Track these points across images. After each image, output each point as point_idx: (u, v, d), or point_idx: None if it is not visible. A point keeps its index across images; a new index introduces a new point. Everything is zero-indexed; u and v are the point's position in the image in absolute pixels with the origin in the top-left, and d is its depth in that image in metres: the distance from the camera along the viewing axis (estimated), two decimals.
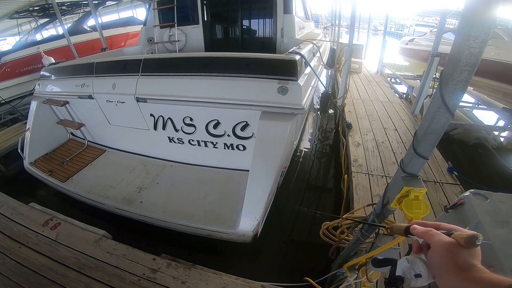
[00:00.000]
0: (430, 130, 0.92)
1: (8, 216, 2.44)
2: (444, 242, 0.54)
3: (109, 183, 2.86)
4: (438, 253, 0.54)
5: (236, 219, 2.23)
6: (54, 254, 2.05)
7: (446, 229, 0.58)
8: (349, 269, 1.44)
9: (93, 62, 2.95)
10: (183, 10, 4.56)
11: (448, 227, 0.58)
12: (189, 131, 2.76)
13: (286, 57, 2.33)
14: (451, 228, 0.58)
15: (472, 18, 0.75)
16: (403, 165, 1.04)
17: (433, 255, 0.56)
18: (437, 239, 0.55)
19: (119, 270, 1.90)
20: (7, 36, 9.33)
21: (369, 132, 3.97)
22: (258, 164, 2.23)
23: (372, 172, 3.02)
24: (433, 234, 0.57)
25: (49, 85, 3.42)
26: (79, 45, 6.49)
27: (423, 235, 0.59)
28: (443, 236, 0.55)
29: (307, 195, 3.57)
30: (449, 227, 0.58)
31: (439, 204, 2.44)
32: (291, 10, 4.17)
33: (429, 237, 0.57)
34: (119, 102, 2.81)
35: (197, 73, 2.44)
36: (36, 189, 3.71)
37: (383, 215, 1.21)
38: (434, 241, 0.56)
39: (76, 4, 7.66)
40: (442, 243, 0.54)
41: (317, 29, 7.48)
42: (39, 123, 3.50)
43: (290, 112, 2.24)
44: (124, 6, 10.72)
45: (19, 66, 6.23)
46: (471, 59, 0.78)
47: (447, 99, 0.84)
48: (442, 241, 0.54)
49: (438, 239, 0.55)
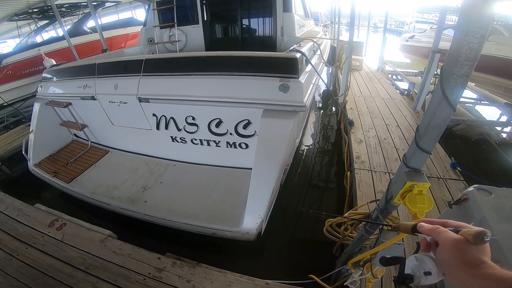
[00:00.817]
0: (432, 124, 0.92)
1: (14, 217, 2.47)
2: (453, 239, 0.54)
3: (113, 183, 2.88)
4: (447, 250, 0.54)
5: (240, 217, 2.24)
6: (61, 255, 2.07)
7: (454, 226, 0.58)
8: (354, 266, 1.45)
9: (95, 63, 2.96)
10: (182, 10, 4.57)
11: (455, 224, 0.58)
12: (191, 130, 2.77)
13: (287, 55, 2.34)
14: (458, 225, 0.58)
15: (471, 14, 0.76)
16: (406, 160, 1.05)
17: (442, 252, 0.56)
18: (445, 236, 0.55)
19: (125, 270, 1.92)
20: (7, 39, 9.35)
21: (371, 128, 3.97)
22: (261, 162, 2.24)
23: (375, 168, 3.02)
24: (441, 232, 0.57)
25: (51, 87, 3.44)
26: (79, 46, 6.50)
27: (431, 233, 0.60)
28: (451, 233, 0.55)
29: (310, 192, 3.58)
30: (457, 224, 0.58)
31: (443, 200, 2.44)
32: (290, 8, 4.18)
33: (437, 234, 0.58)
34: (122, 103, 2.82)
35: (199, 72, 2.45)
36: (41, 191, 3.74)
37: (386, 210, 1.21)
38: (442, 238, 0.56)
39: (75, 6, 7.65)
40: (450, 240, 0.54)
41: (317, 27, 7.47)
42: (42, 125, 3.52)
43: (292, 109, 2.25)
44: (123, 7, 10.72)
45: (21, 69, 6.22)
46: (470, 54, 0.78)
47: (448, 94, 0.85)
48: (450, 238, 0.54)
49: (446, 236, 0.55)
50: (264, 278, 1.84)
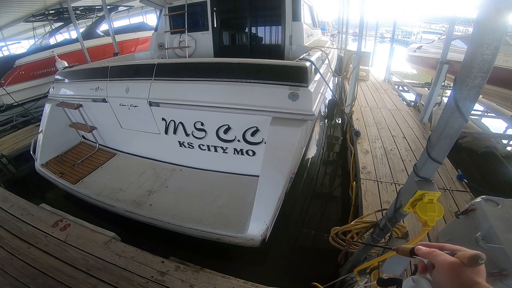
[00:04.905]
0: (444, 134, 0.93)
1: (18, 216, 2.48)
2: (448, 262, 0.56)
3: (119, 186, 2.89)
4: (443, 272, 0.57)
5: (245, 224, 2.24)
6: (63, 255, 2.07)
7: (450, 249, 0.61)
8: (360, 274, 1.44)
9: (108, 66, 3.02)
10: (193, 17, 4.66)
11: (451, 248, 0.61)
12: (199, 136, 2.80)
13: (297, 64, 2.36)
14: (454, 248, 0.60)
15: (485, 25, 0.77)
16: (416, 169, 1.05)
17: (438, 274, 0.58)
18: (441, 259, 0.58)
19: (127, 272, 1.92)
20: (22, 39, 9.59)
21: (378, 139, 3.96)
22: (269, 169, 2.25)
23: (381, 179, 3.01)
24: (437, 255, 0.59)
25: (63, 88, 3.50)
26: (91, 49, 6.62)
27: (428, 256, 0.62)
28: (447, 256, 0.58)
29: (315, 201, 3.56)
30: (453, 247, 0.61)
31: (449, 211, 2.41)
32: (299, 18, 4.23)
33: (433, 257, 0.60)
34: (132, 106, 2.86)
35: (210, 78, 2.48)
36: (46, 191, 3.77)
37: (395, 219, 1.21)
38: (438, 261, 0.58)
39: (89, 9, 7.86)
40: (446, 262, 0.57)
41: (324, 36, 7.54)
42: (52, 126, 3.58)
43: (300, 118, 2.27)
44: (134, 12, 11.01)
45: (33, 69, 6.34)
46: (484, 66, 0.80)
47: (461, 104, 0.86)
48: (446, 261, 0.57)
49: (442, 259, 0.58)
50: (267, 284, 1.83)
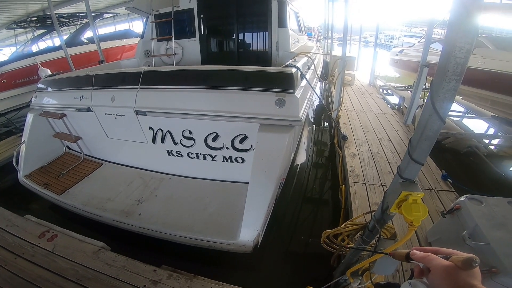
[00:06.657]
0: (423, 136, 0.96)
1: (3, 227, 2.41)
2: (443, 266, 0.58)
3: (106, 196, 2.83)
4: (438, 276, 0.58)
5: (236, 230, 2.23)
6: (51, 266, 2.01)
7: (445, 253, 0.63)
8: (352, 275, 1.46)
9: (92, 74, 2.96)
10: (180, 24, 4.64)
11: (446, 252, 0.63)
12: (188, 144, 2.78)
13: (283, 70, 2.39)
14: (449, 252, 0.62)
15: (457, 28, 0.80)
16: (400, 171, 1.09)
17: (433, 278, 0.60)
18: (436, 263, 0.60)
19: (119, 282, 1.88)
20: (4, 47, 9.33)
21: (364, 143, 4.04)
22: (258, 175, 2.26)
23: (369, 181, 3.07)
24: (432, 259, 0.61)
25: (46, 97, 3.41)
26: (76, 57, 6.51)
27: (423, 260, 0.64)
28: (441, 260, 0.60)
29: (305, 205, 3.59)
30: (447, 251, 0.63)
31: (436, 211, 2.49)
32: (285, 24, 4.29)
33: (428, 261, 0.62)
34: (118, 115, 2.82)
35: (198, 86, 2.48)
36: (32, 202, 3.64)
37: (383, 220, 1.24)
38: (433, 265, 0.60)
39: (73, 16, 7.72)
40: (441, 266, 0.58)
41: (310, 42, 7.67)
42: (35, 136, 3.47)
43: (288, 124, 2.29)
44: (120, 19, 10.89)
45: (15, 78, 6.16)
46: (457, 69, 0.83)
47: (438, 107, 0.89)
48: (441, 265, 0.59)
49: (437, 263, 0.60)
50: None
